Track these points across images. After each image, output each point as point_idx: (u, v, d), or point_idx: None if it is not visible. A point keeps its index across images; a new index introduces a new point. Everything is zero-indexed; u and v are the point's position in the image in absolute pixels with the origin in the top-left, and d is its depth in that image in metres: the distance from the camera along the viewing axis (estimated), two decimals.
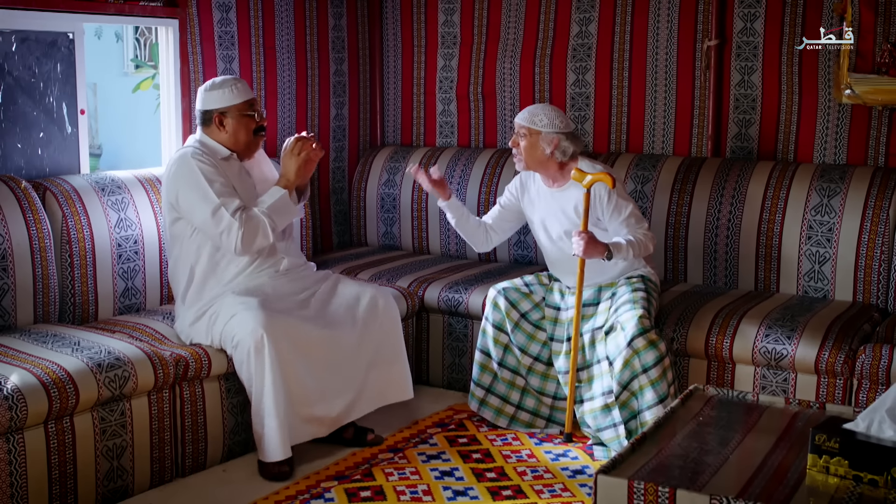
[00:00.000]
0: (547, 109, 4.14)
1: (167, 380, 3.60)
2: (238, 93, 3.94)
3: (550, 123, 4.09)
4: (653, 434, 2.78)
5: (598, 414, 4.00)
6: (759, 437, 2.79)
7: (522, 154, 4.15)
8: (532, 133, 4.11)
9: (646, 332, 3.84)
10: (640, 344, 3.83)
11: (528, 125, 4.12)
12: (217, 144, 3.95)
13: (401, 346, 4.15)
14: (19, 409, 3.13)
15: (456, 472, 3.80)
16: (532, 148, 4.12)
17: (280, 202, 3.90)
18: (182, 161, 3.85)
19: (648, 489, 2.39)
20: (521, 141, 4.14)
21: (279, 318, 3.75)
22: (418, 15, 5.63)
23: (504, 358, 4.24)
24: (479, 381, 4.28)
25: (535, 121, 4.11)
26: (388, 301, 4.12)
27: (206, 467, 3.82)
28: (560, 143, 4.10)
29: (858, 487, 2.46)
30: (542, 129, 4.10)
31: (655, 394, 3.83)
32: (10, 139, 4.07)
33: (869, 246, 4.28)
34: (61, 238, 3.96)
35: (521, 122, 4.14)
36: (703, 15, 4.81)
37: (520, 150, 4.15)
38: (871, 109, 4.48)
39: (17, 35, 4.04)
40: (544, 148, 4.11)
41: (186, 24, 4.67)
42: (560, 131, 4.10)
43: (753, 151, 4.77)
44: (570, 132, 4.13)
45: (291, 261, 4.07)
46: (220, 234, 3.79)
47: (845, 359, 3.78)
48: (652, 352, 3.83)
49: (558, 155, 4.12)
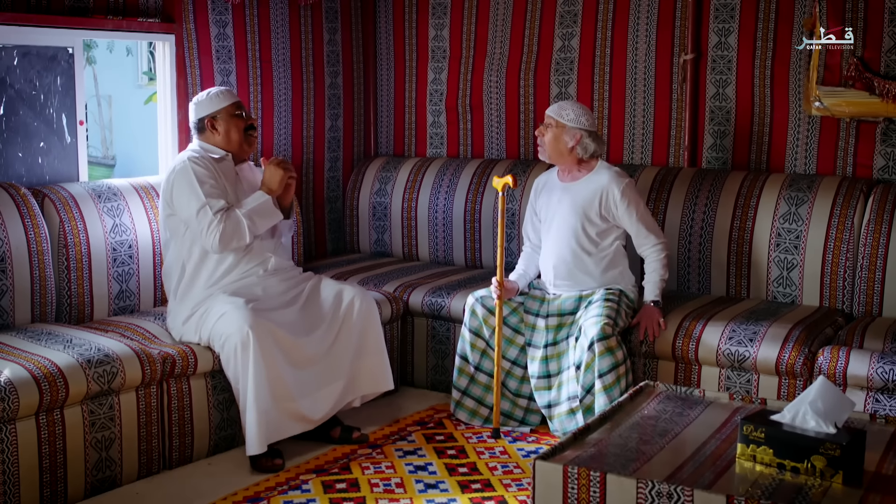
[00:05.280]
0: (576, 106, 4.34)
1: (154, 376, 3.80)
2: (223, 97, 4.22)
3: (576, 119, 4.29)
4: (597, 425, 2.95)
5: (564, 418, 4.18)
6: (698, 429, 2.96)
7: (546, 144, 4.34)
8: (558, 125, 4.31)
9: (606, 338, 4.02)
10: (599, 349, 4.01)
11: (555, 117, 4.32)
12: (213, 147, 4.21)
13: (380, 340, 4.34)
14: (11, 400, 3.33)
15: (430, 467, 3.97)
16: (556, 140, 4.32)
17: (262, 206, 4.11)
18: (180, 163, 4.11)
19: (581, 474, 2.56)
20: (546, 132, 4.34)
21: (265, 317, 3.95)
22: (410, 30, 5.84)
23: (481, 362, 4.42)
24: (457, 384, 4.46)
25: (563, 114, 4.31)
26: (366, 298, 4.31)
27: (192, 460, 4.01)
28: (583, 139, 4.30)
29: (781, 474, 2.62)
30: (567, 123, 4.29)
31: (608, 399, 3.99)
32: (12, 148, 4.30)
33: (835, 253, 4.43)
34: (59, 242, 4.18)
35: (549, 114, 4.34)
36: (680, 30, 4.99)
37: (544, 139, 4.34)
38: (840, 121, 4.64)
39: (18, 49, 4.28)
40: (567, 141, 4.30)
41: (183, 38, 4.89)
42: (584, 128, 4.29)
43: (728, 161, 4.94)
44: (594, 132, 4.33)
45: (279, 261, 4.27)
46: (201, 231, 4.02)
47: (804, 360, 3.93)
48: (608, 358, 4.01)
49: (579, 151, 4.31)
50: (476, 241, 5.37)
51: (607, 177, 4.32)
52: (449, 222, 5.43)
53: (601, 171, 4.36)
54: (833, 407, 2.73)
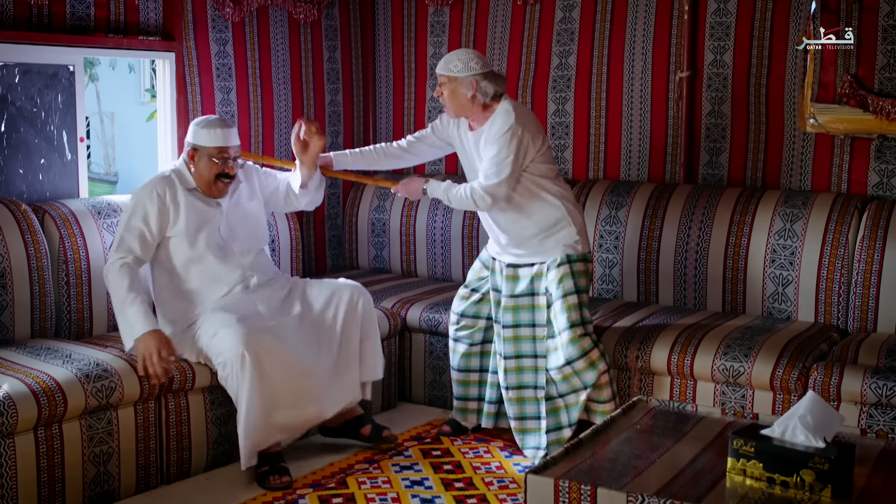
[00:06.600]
0: (461, 54, 4.13)
1: (153, 391, 3.83)
2: (215, 137, 4.14)
3: (466, 67, 4.08)
4: (589, 439, 2.98)
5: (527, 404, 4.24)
6: (690, 444, 2.98)
7: (447, 103, 4.17)
8: (451, 80, 4.11)
9: (585, 353, 4.08)
10: (581, 365, 4.08)
11: (445, 73, 4.12)
12: (188, 175, 4.19)
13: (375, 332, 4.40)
14: (10, 415, 3.36)
15: (426, 482, 3.99)
16: (454, 94, 4.12)
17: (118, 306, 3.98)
18: (150, 183, 4.14)
19: (572, 487, 2.58)
20: (443, 91, 4.15)
21: (258, 333, 3.95)
22: (408, 47, 5.89)
23: (482, 364, 4.50)
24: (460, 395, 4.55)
25: (451, 67, 4.11)
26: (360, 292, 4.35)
27: (190, 475, 4.04)
28: (479, 84, 4.08)
29: (771, 488, 2.65)
30: (458, 74, 4.08)
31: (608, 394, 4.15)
32: (13, 165, 4.34)
33: (829, 269, 4.46)
34: (59, 258, 4.21)
35: (439, 72, 4.15)
36: (676, 48, 5.03)
37: (444, 99, 4.18)
38: (834, 138, 4.67)
39: (20, 67, 4.32)
40: (465, 92, 4.10)
41: (183, 56, 4.93)
42: (476, 73, 4.08)
43: (724, 178, 4.97)
44: (488, 72, 4.10)
45: (261, 277, 4.29)
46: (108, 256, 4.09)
47: (798, 376, 3.95)
48: (591, 372, 4.10)
49: (479, 97, 4.10)
50: (474, 256, 5.39)
51: (499, 120, 4.07)
52: (447, 238, 5.46)
53: (498, 113, 4.10)
54: (822, 421, 2.75)
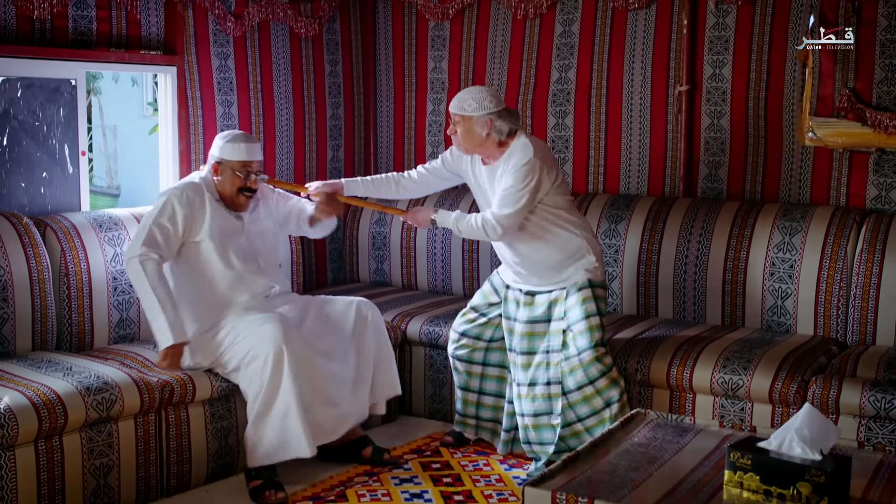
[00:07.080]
0: (474, 92, 4.14)
1: (153, 404, 3.84)
2: (239, 152, 4.19)
3: (480, 106, 4.09)
4: (587, 452, 2.98)
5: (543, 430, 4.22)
6: (687, 457, 2.99)
7: (460, 141, 4.18)
8: (465, 119, 4.13)
9: (608, 371, 4.09)
10: (603, 384, 4.09)
11: (459, 112, 4.14)
12: (214, 187, 4.24)
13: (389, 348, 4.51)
14: (10, 427, 3.38)
15: (425, 495, 4.00)
16: (468, 133, 4.14)
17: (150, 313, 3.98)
18: (181, 185, 4.18)
19: (570, 500, 2.59)
20: (457, 129, 4.16)
21: (293, 331, 4.07)
22: (409, 62, 5.91)
23: (482, 386, 4.50)
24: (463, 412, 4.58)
25: (465, 107, 4.12)
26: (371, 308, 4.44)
27: (190, 488, 4.05)
28: (493, 123, 4.10)
29: (768, 501, 2.65)
30: (472, 113, 4.10)
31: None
32: (15, 178, 4.36)
33: (828, 282, 4.47)
34: (60, 271, 4.23)
35: (452, 111, 4.16)
36: (675, 62, 5.06)
37: (457, 137, 4.18)
38: (833, 152, 4.69)
39: (22, 81, 4.35)
40: (479, 131, 4.12)
41: (185, 70, 4.96)
42: (491, 112, 4.10)
43: (723, 192, 4.99)
44: (502, 110, 4.12)
45: (281, 288, 4.39)
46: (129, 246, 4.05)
47: (797, 389, 3.96)
48: (614, 389, 4.11)
49: (494, 135, 4.12)
50: (474, 269, 5.41)
51: (517, 153, 4.09)
52: (447, 252, 5.48)
53: (516, 147, 4.11)
54: (819, 434, 2.76)
